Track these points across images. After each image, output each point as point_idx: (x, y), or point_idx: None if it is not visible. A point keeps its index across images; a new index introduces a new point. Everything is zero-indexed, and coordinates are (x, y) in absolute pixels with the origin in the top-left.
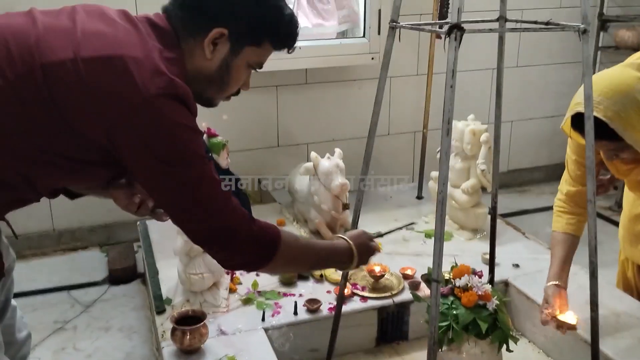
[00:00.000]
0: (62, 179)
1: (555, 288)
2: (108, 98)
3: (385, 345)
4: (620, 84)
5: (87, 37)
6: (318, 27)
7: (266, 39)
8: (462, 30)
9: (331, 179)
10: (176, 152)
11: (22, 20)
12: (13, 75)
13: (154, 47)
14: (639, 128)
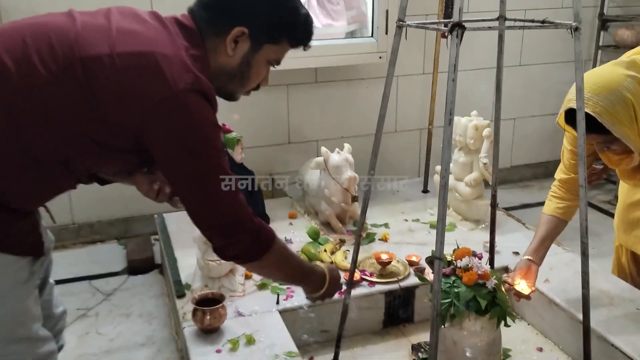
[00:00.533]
0: (97, 164)
1: (526, 262)
2: (139, 90)
3: (392, 327)
4: (609, 81)
5: (121, 35)
6: (328, 27)
7: (284, 37)
8: (463, 28)
9: (341, 173)
10: (197, 144)
11: (63, 19)
12: (56, 67)
13: (182, 44)
14: (625, 122)
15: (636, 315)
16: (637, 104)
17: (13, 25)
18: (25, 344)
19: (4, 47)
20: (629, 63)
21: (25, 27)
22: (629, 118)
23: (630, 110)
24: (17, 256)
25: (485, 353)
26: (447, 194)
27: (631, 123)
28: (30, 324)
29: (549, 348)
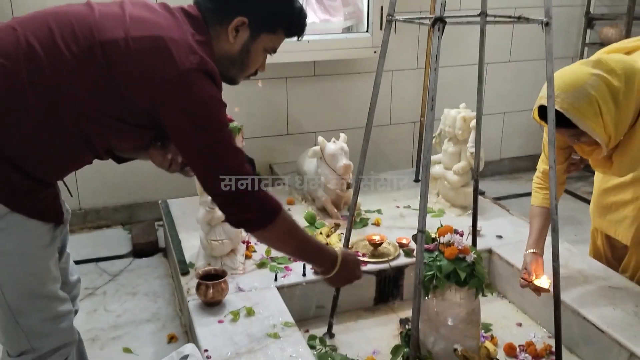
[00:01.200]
0: (114, 138)
1: (532, 255)
2: (151, 70)
3: (383, 304)
4: (575, 79)
5: (134, 21)
6: (325, 23)
7: (280, 28)
8: (444, 22)
9: (336, 161)
10: (203, 117)
11: (83, 8)
12: (78, 50)
13: (188, 31)
14: (590, 117)
15: (607, 291)
16: (601, 100)
17: (39, 14)
18: (46, 301)
19: (32, 32)
20: (595, 62)
21: (50, 15)
22: (593, 113)
23: (595, 106)
24: (41, 222)
25: (465, 322)
26: (429, 173)
27: (596, 118)
28: (51, 283)
29: (527, 323)
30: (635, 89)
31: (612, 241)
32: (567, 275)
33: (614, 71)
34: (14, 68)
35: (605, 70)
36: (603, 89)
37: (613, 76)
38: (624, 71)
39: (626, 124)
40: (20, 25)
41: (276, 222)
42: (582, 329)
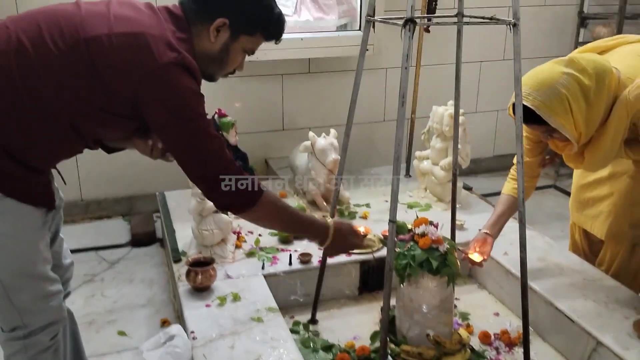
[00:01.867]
0: (100, 128)
1: (482, 234)
2: (132, 64)
3: (367, 293)
4: (546, 78)
5: (117, 19)
6: (319, 21)
7: (258, 31)
8: (414, 22)
9: (326, 155)
10: (181, 108)
11: (71, 7)
12: (64, 46)
13: (169, 29)
14: (561, 114)
15: (581, 283)
16: (572, 98)
17: (30, 13)
18: (37, 280)
19: (22, 30)
20: (567, 61)
21: (40, 14)
22: (564, 111)
23: (565, 103)
24: (33, 207)
25: (438, 309)
26: (399, 167)
27: (566, 115)
28: (42, 264)
29: (504, 313)
30: (605, 88)
31: (589, 235)
32: (544, 267)
33: (585, 70)
34: (5, 63)
35: (576, 69)
36: (574, 88)
37: (584, 75)
38: (595, 70)
39: (597, 121)
40: (12, 23)
41: (259, 203)
42: (553, 318)
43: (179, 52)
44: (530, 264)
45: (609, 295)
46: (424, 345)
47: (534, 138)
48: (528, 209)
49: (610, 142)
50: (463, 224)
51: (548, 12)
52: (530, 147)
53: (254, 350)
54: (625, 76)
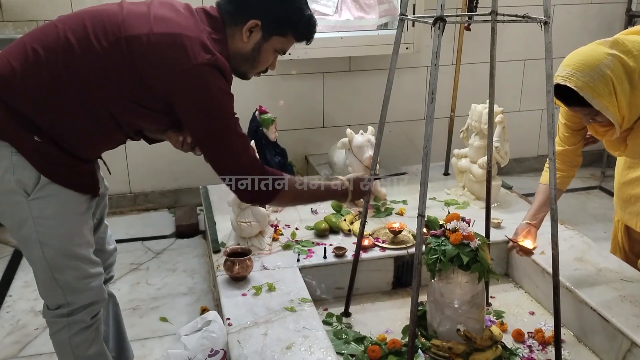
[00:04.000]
0: (137, 121)
1: (525, 225)
2: (168, 63)
3: (400, 288)
4: (590, 58)
5: (157, 20)
6: (360, 20)
7: (289, 32)
8: (444, 21)
9: (363, 152)
10: (211, 107)
11: (115, 7)
12: (107, 43)
13: (205, 29)
14: (605, 96)
15: (618, 284)
16: (616, 79)
17: (78, 12)
18: (79, 262)
19: (69, 28)
20: (612, 42)
21: (85, 13)
22: (608, 92)
23: (610, 85)
24: (78, 192)
25: (469, 304)
26: (429, 162)
27: (610, 97)
28: (85, 246)
29: (539, 312)
30: None
31: (632, 235)
32: (581, 267)
33: (631, 52)
34: (54, 58)
35: (621, 50)
36: (618, 69)
37: (629, 57)
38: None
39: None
40: (61, 22)
41: (281, 193)
42: (588, 318)
43: (213, 53)
44: (568, 263)
45: None
46: (454, 340)
47: (573, 126)
48: (572, 209)
49: None
50: (500, 222)
51: (595, 10)
52: (569, 135)
53: (286, 338)
54: None
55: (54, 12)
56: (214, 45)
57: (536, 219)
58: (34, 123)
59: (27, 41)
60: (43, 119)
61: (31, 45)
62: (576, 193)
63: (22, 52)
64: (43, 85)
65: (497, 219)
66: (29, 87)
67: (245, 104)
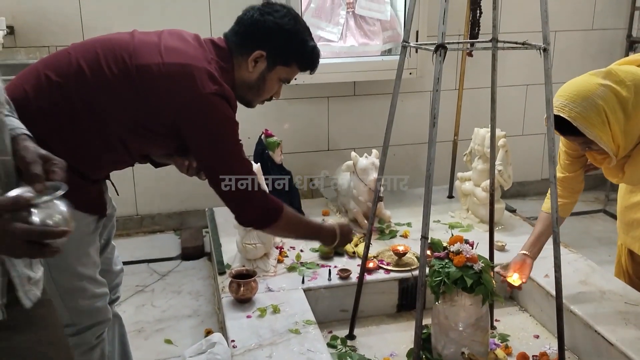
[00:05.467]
0: (145, 145)
1: (521, 256)
2: (176, 92)
3: (405, 311)
4: (583, 89)
5: (167, 50)
6: (364, 46)
7: (293, 62)
8: (445, 48)
9: (367, 175)
10: (217, 134)
11: (126, 36)
12: (117, 70)
13: (213, 59)
14: (598, 126)
15: (622, 307)
16: (609, 109)
17: (90, 41)
18: (86, 282)
19: (82, 55)
20: (605, 73)
21: (98, 42)
22: (601, 122)
23: (602, 115)
24: (86, 213)
25: (474, 327)
26: (431, 184)
27: (603, 126)
28: (92, 267)
29: (544, 336)
30: None
31: (635, 258)
32: (586, 290)
33: (624, 82)
34: (66, 83)
35: (614, 81)
36: (611, 99)
37: (622, 87)
38: (634, 82)
39: (636, 134)
40: (74, 49)
41: (278, 220)
42: (593, 341)
43: (220, 84)
44: (572, 287)
45: None
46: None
47: (573, 153)
48: (576, 232)
49: None
50: (505, 245)
51: (596, 36)
52: (569, 162)
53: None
54: None
55: (65, 39)
56: (220, 75)
57: (534, 248)
58: (45, 144)
59: (40, 68)
60: (53, 141)
61: (44, 72)
62: (580, 216)
63: (35, 77)
64: (55, 109)
65: (501, 241)
66: (41, 110)
67: (251, 128)
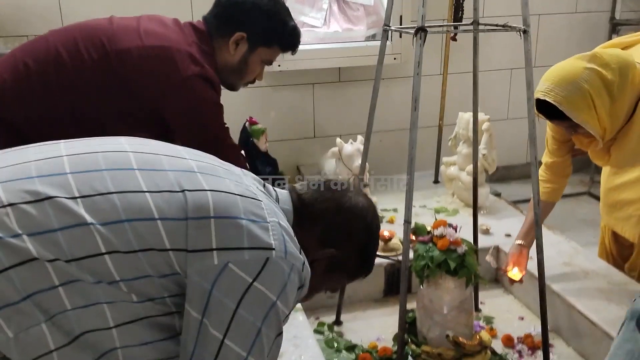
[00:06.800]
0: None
1: (517, 247)
2: (157, 75)
3: (392, 296)
4: (568, 73)
5: (146, 33)
6: (348, 31)
7: (274, 43)
8: (425, 31)
9: (352, 161)
10: (201, 117)
11: (104, 22)
12: (97, 55)
13: (193, 42)
14: (583, 110)
15: (605, 287)
16: (595, 93)
17: (68, 27)
18: None
19: (60, 42)
20: (590, 56)
21: (76, 28)
22: (586, 106)
23: (588, 99)
24: None
25: (458, 310)
26: (414, 168)
27: (589, 110)
28: None
29: (529, 318)
30: (629, 82)
31: (619, 240)
32: (569, 272)
33: (609, 65)
34: (45, 70)
35: (599, 64)
36: (596, 83)
37: (607, 70)
38: (619, 65)
39: (621, 116)
40: (52, 35)
41: None
42: (576, 321)
43: (202, 65)
44: (555, 268)
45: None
46: (444, 346)
47: (560, 138)
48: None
49: (636, 138)
50: (489, 228)
51: (580, 19)
52: (557, 147)
53: None
54: None
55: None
56: (202, 58)
57: (528, 237)
58: (19, 132)
59: (18, 54)
60: (29, 128)
61: (22, 59)
62: (565, 199)
63: (12, 64)
64: (34, 96)
65: (486, 225)
66: (20, 97)
67: (236, 115)
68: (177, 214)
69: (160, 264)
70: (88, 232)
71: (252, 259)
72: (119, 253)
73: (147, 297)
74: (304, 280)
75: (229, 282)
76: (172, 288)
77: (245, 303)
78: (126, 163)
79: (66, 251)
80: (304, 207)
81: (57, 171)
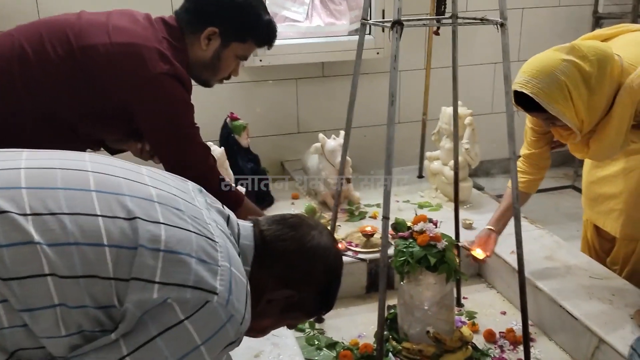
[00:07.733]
0: (95, 130)
1: (486, 231)
2: (125, 72)
3: (374, 292)
4: (545, 65)
5: (115, 30)
6: (330, 26)
7: (249, 38)
8: (401, 25)
9: (335, 156)
10: (170, 116)
11: (72, 17)
12: (62, 52)
13: (164, 39)
14: (560, 101)
15: (587, 281)
16: (572, 85)
17: (34, 22)
18: None
19: (25, 38)
20: (569, 48)
21: (42, 23)
22: (563, 98)
23: (565, 90)
24: None
25: (439, 306)
26: (392, 164)
27: (566, 102)
28: None
29: (511, 312)
30: (607, 74)
31: (601, 233)
32: (551, 266)
33: (586, 57)
34: (8, 67)
35: (577, 56)
36: (574, 75)
37: (585, 62)
38: (597, 57)
39: (599, 108)
40: (17, 31)
41: (238, 212)
42: (558, 316)
43: (172, 64)
44: (537, 262)
45: (615, 294)
46: (425, 342)
47: (539, 130)
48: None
49: (615, 131)
50: (472, 223)
51: (563, 13)
52: (535, 139)
53: (255, 347)
54: (627, 63)
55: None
56: (173, 55)
57: (499, 223)
58: None
59: None
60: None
61: None
62: (549, 192)
63: None
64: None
65: (469, 219)
66: None
67: (217, 111)
68: (127, 243)
69: (99, 293)
70: (34, 252)
71: (193, 299)
72: (60, 277)
73: (77, 330)
74: (240, 335)
75: (162, 312)
76: (105, 322)
77: (167, 335)
78: (84, 184)
79: (9, 268)
80: (265, 244)
81: (11, 184)
